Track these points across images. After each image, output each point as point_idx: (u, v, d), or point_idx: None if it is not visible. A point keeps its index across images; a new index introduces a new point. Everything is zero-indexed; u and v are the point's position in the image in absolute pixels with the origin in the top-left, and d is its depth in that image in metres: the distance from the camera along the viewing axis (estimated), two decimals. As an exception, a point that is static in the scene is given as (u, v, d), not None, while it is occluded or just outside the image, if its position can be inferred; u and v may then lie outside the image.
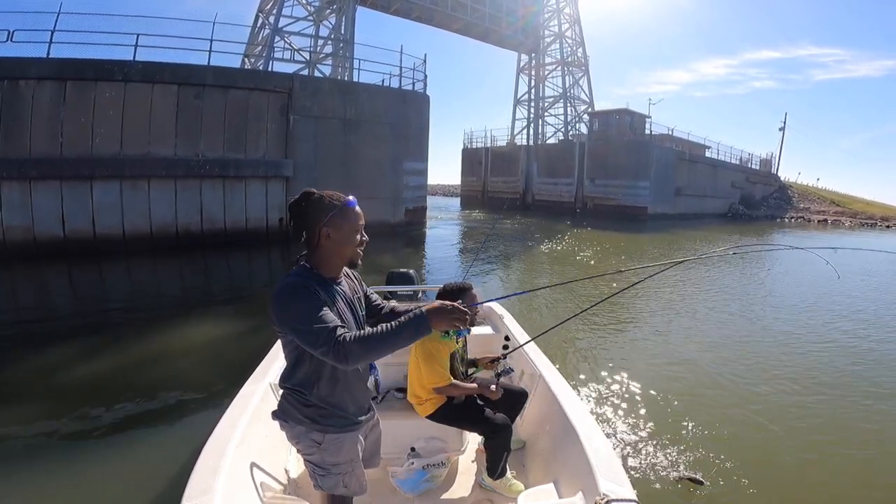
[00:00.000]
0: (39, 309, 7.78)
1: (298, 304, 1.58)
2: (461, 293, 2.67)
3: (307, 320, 1.54)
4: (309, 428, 1.76)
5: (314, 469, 1.82)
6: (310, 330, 1.53)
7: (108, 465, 3.47)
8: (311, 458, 1.81)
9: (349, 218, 1.71)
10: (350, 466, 1.84)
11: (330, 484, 1.83)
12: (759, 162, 45.10)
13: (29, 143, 11.53)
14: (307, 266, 1.72)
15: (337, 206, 1.68)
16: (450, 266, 12.58)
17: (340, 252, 1.73)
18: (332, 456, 1.79)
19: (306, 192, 1.71)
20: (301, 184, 14.89)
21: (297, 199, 1.71)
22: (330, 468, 1.80)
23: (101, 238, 12.27)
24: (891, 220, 35.40)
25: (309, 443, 1.77)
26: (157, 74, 13.03)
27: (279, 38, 20.89)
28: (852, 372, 5.61)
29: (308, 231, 1.70)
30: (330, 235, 1.68)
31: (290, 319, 1.59)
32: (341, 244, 1.71)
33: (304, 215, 1.69)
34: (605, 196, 30.36)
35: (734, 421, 4.27)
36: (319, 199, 1.69)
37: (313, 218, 1.68)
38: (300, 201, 1.70)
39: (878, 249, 15.67)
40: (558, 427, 2.51)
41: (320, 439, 1.76)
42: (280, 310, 1.60)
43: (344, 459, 1.82)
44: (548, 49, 37.89)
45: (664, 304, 8.84)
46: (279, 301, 1.60)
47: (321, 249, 1.71)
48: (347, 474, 1.84)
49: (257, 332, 6.21)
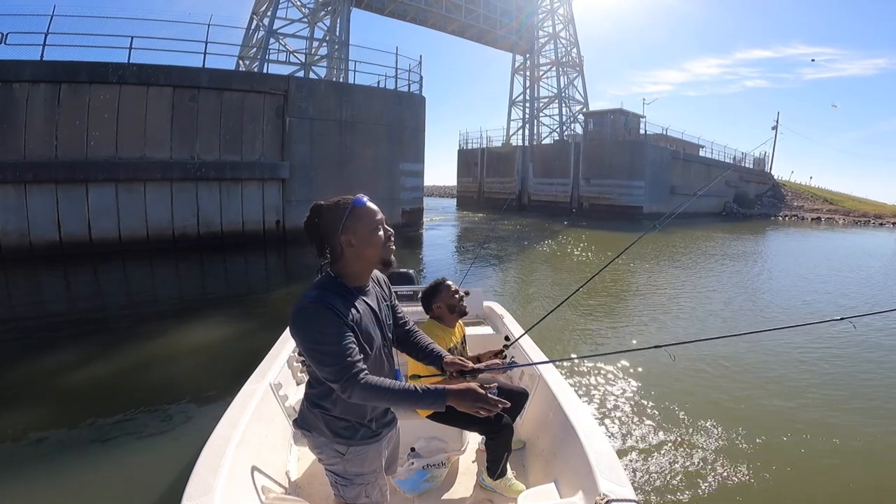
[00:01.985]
0: (36, 312, 7.74)
1: (314, 329, 1.51)
2: (434, 292, 2.79)
3: (322, 350, 1.50)
4: (332, 440, 1.71)
5: (336, 479, 1.79)
6: (323, 361, 1.50)
7: (108, 465, 3.47)
8: (333, 468, 1.77)
9: (362, 217, 1.62)
10: (373, 477, 1.81)
11: (352, 494, 1.79)
12: (753, 161, 45.41)
13: (24, 146, 11.49)
14: (331, 275, 1.65)
15: (347, 209, 1.61)
16: (448, 266, 12.60)
17: (365, 256, 1.64)
18: (356, 467, 1.76)
19: (315, 206, 1.65)
20: (297, 185, 14.94)
21: (308, 216, 1.64)
22: (353, 478, 1.77)
23: (97, 241, 12.23)
24: (884, 217, 35.64)
25: (332, 454, 1.73)
26: (151, 77, 12.99)
27: (274, 39, 20.84)
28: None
29: (329, 244, 1.63)
30: (350, 242, 1.60)
31: (305, 343, 1.53)
32: (364, 246, 1.62)
33: (319, 229, 1.63)
34: (601, 196, 30.47)
35: (736, 420, 4.28)
36: (328, 209, 1.62)
37: (329, 230, 1.61)
38: (312, 217, 1.64)
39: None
40: (558, 427, 2.51)
41: (344, 451, 1.72)
42: (296, 331, 1.55)
43: (368, 470, 1.78)
44: (542, 50, 37.94)
45: (664, 304, 8.87)
46: (296, 323, 1.54)
47: (345, 259, 1.63)
48: (370, 485, 1.80)
49: (256, 332, 6.20)
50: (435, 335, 2.59)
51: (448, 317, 2.79)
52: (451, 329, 2.78)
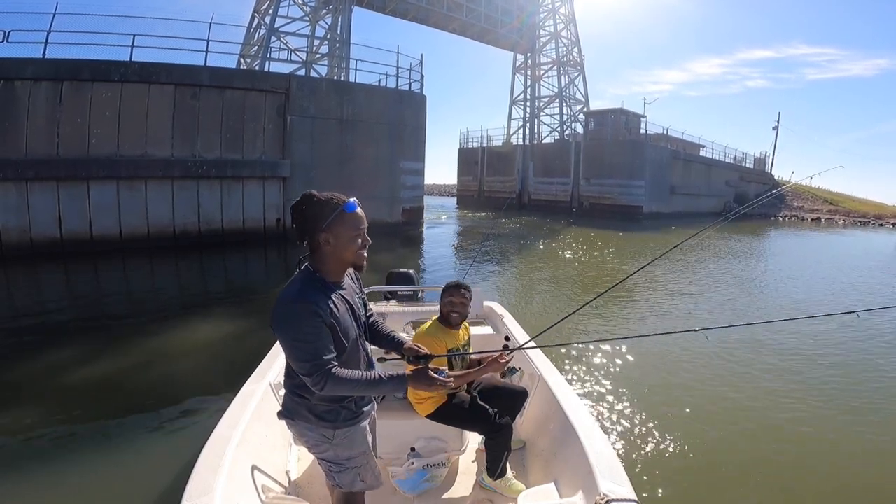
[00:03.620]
0: (36, 310, 7.75)
1: (293, 326, 1.58)
2: (443, 291, 2.72)
3: (300, 345, 1.58)
4: (316, 425, 1.76)
5: (330, 467, 1.83)
6: (299, 357, 1.59)
7: (108, 465, 3.47)
8: (324, 455, 1.82)
9: (348, 223, 1.66)
10: (365, 458, 1.86)
11: (348, 480, 1.84)
12: (754, 161, 45.37)
13: (25, 143, 11.48)
14: (311, 270, 1.70)
15: (336, 211, 1.64)
16: (448, 265, 12.61)
17: (341, 257, 1.70)
18: (346, 450, 1.81)
19: (307, 194, 1.67)
20: (298, 184, 14.93)
21: (297, 201, 1.68)
22: (345, 462, 1.82)
23: (98, 239, 12.23)
24: (884, 218, 35.61)
25: (319, 439, 1.78)
26: (153, 75, 12.99)
27: (275, 38, 20.83)
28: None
29: (308, 235, 1.67)
30: (329, 241, 1.65)
31: (283, 338, 1.61)
32: (341, 249, 1.68)
33: (304, 219, 1.66)
34: (601, 195, 30.44)
35: (737, 419, 4.29)
36: (318, 203, 1.65)
37: (312, 222, 1.65)
38: (301, 204, 1.67)
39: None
40: (558, 427, 2.52)
41: (330, 435, 1.77)
42: (276, 327, 1.61)
43: (357, 452, 1.84)
44: (543, 49, 37.90)
45: (665, 303, 8.87)
46: (277, 319, 1.61)
47: (321, 254, 1.68)
48: (363, 467, 1.86)
49: (256, 332, 6.20)
50: (431, 334, 2.58)
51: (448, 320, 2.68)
52: (453, 332, 2.66)
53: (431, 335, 2.58)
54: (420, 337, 2.56)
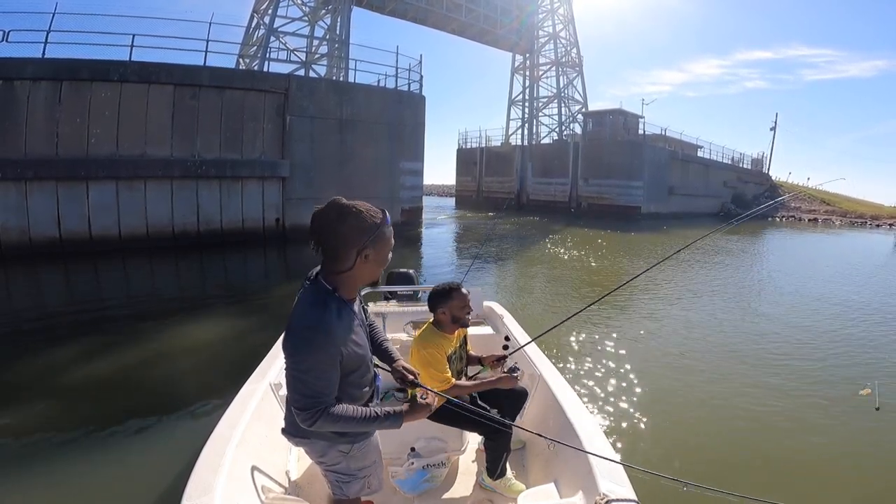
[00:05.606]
0: (36, 310, 7.74)
1: (305, 353, 1.48)
2: (445, 296, 2.64)
3: (307, 379, 1.48)
4: (334, 442, 1.70)
5: (338, 478, 1.78)
6: (301, 390, 1.49)
7: (108, 465, 3.47)
8: (336, 467, 1.77)
9: (388, 237, 1.58)
10: (374, 468, 1.85)
11: (355, 489, 1.81)
12: (751, 161, 45.41)
13: (24, 143, 11.46)
14: (329, 289, 1.57)
15: (378, 226, 1.53)
16: (448, 265, 12.62)
17: (373, 273, 1.61)
18: (359, 461, 1.78)
19: (341, 206, 1.51)
20: (298, 184, 14.95)
21: (324, 210, 1.51)
22: (356, 473, 1.79)
23: (97, 239, 12.21)
24: (880, 219, 35.66)
25: (336, 455, 1.73)
26: (153, 75, 12.98)
27: (274, 38, 20.82)
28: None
29: (342, 251, 1.51)
30: (369, 256, 1.53)
31: (291, 363, 1.51)
32: (376, 266, 1.58)
33: (336, 233, 1.50)
34: (599, 195, 30.47)
35: (737, 419, 4.29)
36: (358, 216, 1.50)
37: (352, 239, 1.50)
38: (330, 214, 1.50)
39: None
40: (558, 427, 2.52)
41: (347, 449, 1.73)
42: (288, 349, 1.52)
43: (370, 462, 1.82)
44: (542, 49, 37.93)
45: (665, 303, 8.88)
46: (290, 341, 1.51)
47: (354, 269, 1.54)
48: (372, 475, 1.84)
49: (256, 332, 6.20)
50: (433, 342, 2.57)
51: (449, 325, 2.65)
52: (449, 336, 2.66)
53: (434, 344, 2.56)
54: (422, 348, 2.54)
